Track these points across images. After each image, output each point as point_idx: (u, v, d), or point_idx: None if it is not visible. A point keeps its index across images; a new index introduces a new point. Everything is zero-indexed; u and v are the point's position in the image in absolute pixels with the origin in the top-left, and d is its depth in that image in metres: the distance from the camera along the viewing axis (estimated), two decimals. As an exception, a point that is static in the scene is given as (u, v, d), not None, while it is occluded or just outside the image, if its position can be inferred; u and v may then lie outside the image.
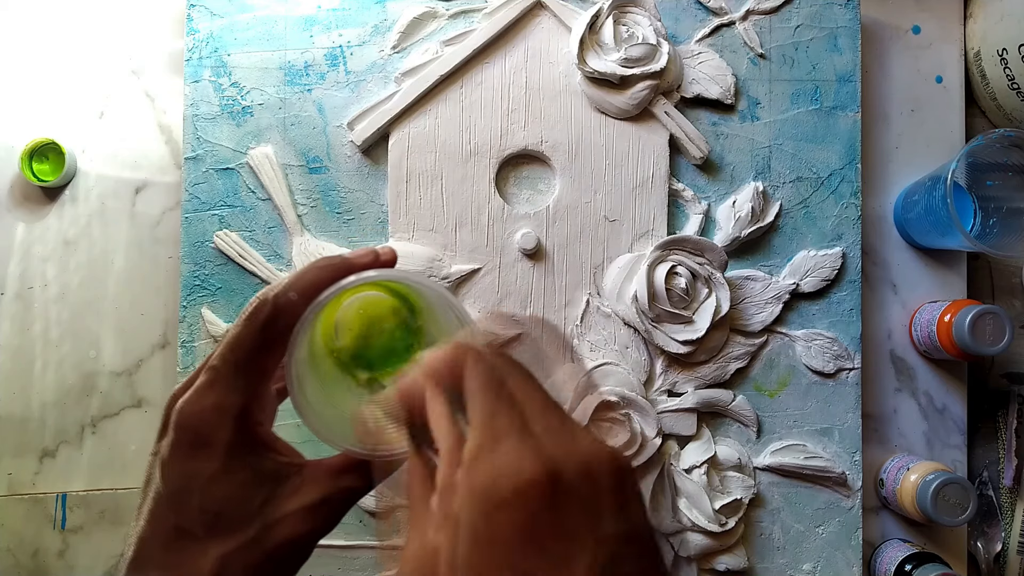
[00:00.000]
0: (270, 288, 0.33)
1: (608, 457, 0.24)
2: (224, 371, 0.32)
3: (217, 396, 0.31)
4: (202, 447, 0.31)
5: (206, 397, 0.31)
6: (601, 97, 0.62)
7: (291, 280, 0.33)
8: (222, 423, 0.31)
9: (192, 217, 0.63)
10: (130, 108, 0.67)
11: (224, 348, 0.32)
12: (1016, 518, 0.64)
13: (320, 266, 0.33)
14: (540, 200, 0.63)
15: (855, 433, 0.62)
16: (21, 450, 0.64)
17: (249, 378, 0.32)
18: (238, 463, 0.32)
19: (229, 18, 0.64)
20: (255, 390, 0.33)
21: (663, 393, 0.62)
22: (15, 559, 0.63)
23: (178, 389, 0.33)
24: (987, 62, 0.65)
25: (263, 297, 0.32)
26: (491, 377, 0.26)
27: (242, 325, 0.32)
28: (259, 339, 0.32)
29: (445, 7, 0.63)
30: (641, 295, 0.59)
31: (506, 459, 0.23)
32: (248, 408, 0.32)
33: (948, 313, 0.61)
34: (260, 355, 0.32)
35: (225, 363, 0.32)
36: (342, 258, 0.34)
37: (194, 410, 0.31)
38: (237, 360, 0.32)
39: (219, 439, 0.31)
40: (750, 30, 0.64)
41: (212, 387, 0.32)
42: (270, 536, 0.31)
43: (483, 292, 0.62)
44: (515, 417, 0.24)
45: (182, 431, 0.31)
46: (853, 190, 0.64)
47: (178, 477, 0.31)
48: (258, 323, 0.32)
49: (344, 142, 0.63)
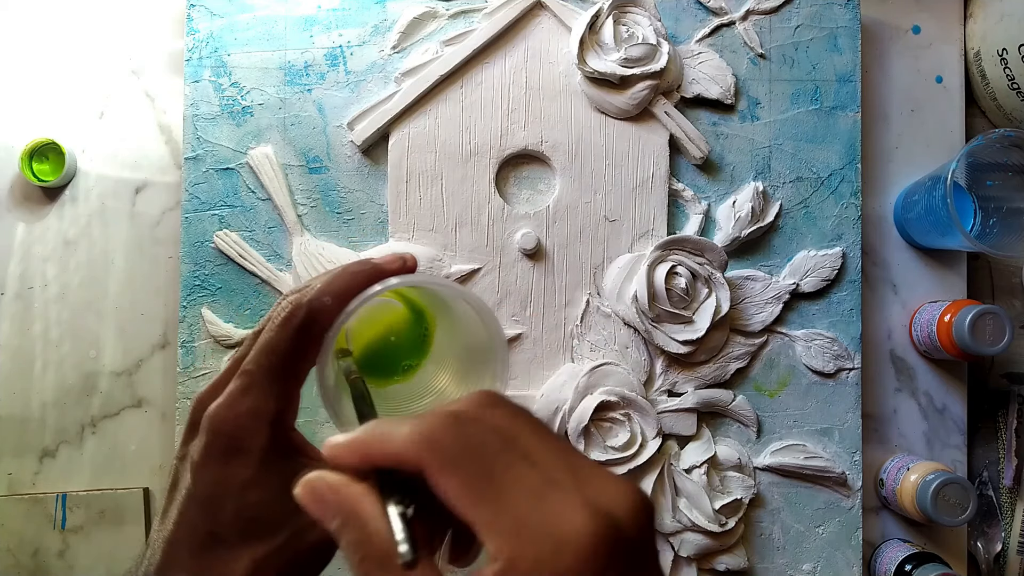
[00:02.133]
0: (303, 292, 0.32)
1: (645, 498, 0.24)
2: (259, 376, 0.31)
3: (253, 401, 0.31)
4: (237, 453, 0.31)
5: (241, 402, 0.31)
6: (601, 97, 0.62)
7: (324, 285, 0.32)
8: (258, 429, 0.31)
9: (192, 217, 0.63)
10: (130, 108, 0.67)
11: (259, 352, 0.32)
12: (1016, 518, 0.64)
13: (352, 271, 0.33)
14: (540, 200, 0.63)
15: (855, 433, 0.62)
16: (21, 450, 0.64)
17: (284, 383, 0.32)
18: (272, 469, 0.31)
19: (229, 18, 0.64)
20: (289, 395, 0.32)
21: (663, 393, 0.62)
22: (15, 559, 0.63)
23: (204, 392, 0.33)
24: (987, 62, 0.65)
25: (297, 301, 0.32)
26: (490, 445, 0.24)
27: (276, 329, 0.32)
28: (294, 344, 0.32)
29: (445, 7, 0.63)
30: (641, 295, 0.59)
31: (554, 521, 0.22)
32: (282, 413, 0.32)
33: (948, 313, 0.61)
34: (294, 360, 0.32)
35: (260, 368, 0.31)
36: (372, 264, 0.34)
37: (229, 415, 0.31)
38: (272, 365, 0.32)
39: (254, 445, 0.31)
40: (750, 30, 0.64)
41: (247, 392, 0.31)
42: (300, 540, 0.31)
43: (483, 292, 0.62)
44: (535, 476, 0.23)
45: (216, 436, 0.31)
46: (853, 190, 0.64)
47: (212, 483, 0.31)
48: (293, 327, 0.32)
49: (344, 142, 0.63)
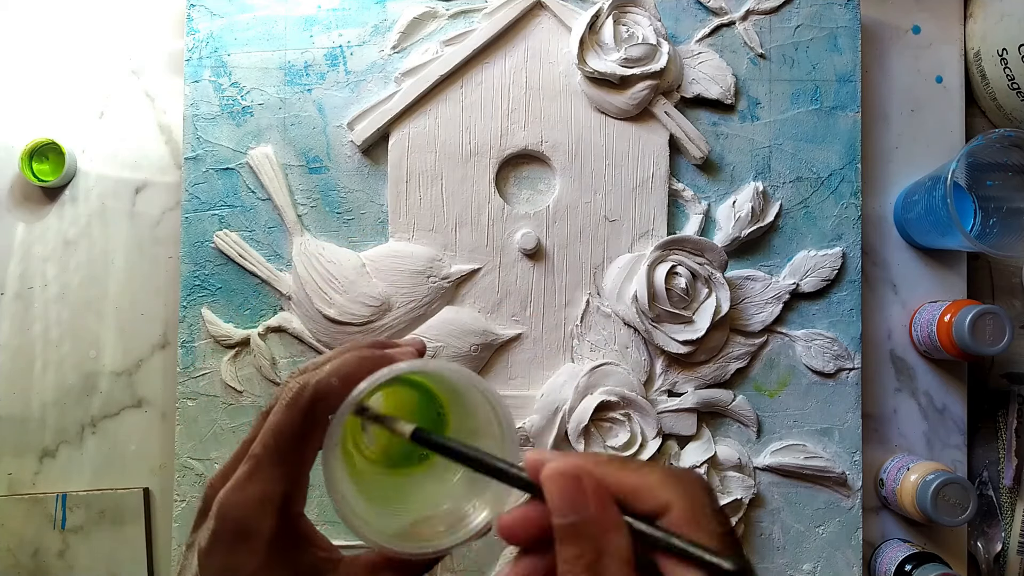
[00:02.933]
0: (309, 374, 0.32)
1: None
2: (266, 460, 0.31)
3: (260, 486, 0.30)
4: (244, 540, 0.30)
5: (248, 487, 0.30)
6: (601, 97, 0.62)
7: (332, 367, 0.32)
8: (265, 514, 0.30)
9: (192, 217, 0.63)
10: (130, 108, 0.67)
11: (265, 435, 0.31)
12: (1016, 518, 0.64)
13: (361, 355, 0.33)
14: (540, 200, 0.63)
15: (855, 433, 0.62)
16: (21, 450, 0.64)
17: (291, 466, 0.31)
18: (279, 558, 0.31)
19: (229, 18, 0.64)
20: (296, 479, 0.32)
21: (663, 393, 0.62)
22: (15, 559, 0.63)
23: (215, 477, 0.32)
24: (987, 62, 0.65)
25: (303, 382, 0.31)
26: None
27: (282, 411, 0.31)
28: (300, 426, 0.31)
29: (445, 7, 0.63)
30: (641, 295, 0.59)
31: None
32: (290, 498, 0.31)
33: (948, 313, 0.61)
34: (301, 442, 0.31)
35: (267, 451, 0.31)
36: (383, 350, 0.34)
37: (237, 501, 0.30)
38: (279, 447, 0.31)
39: (262, 531, 0.30)
40: (750, 30, 0.64)
41: (254, 476, 0.30)
42: None
43: (483, 292, 0.62)
44: None
45: (224, 522, 0.30)
46: (853, 190, 0.64)
47: (219, 572, 0.30)
48: (299, 409, 0.31)
49: (344, 142, 0.63)
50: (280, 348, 0.62)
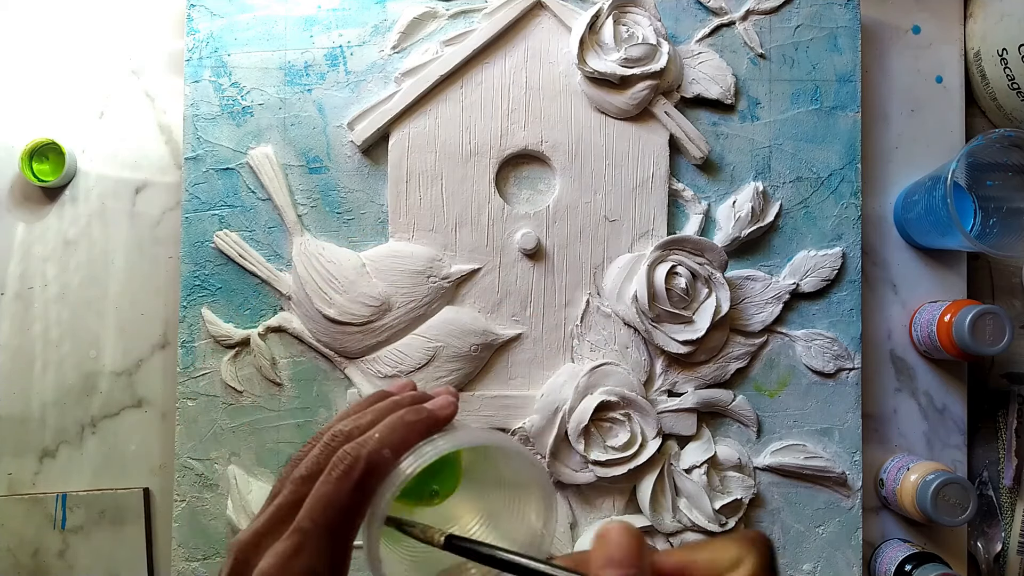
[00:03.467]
0: (358, 444, 0.31)
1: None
2: (315, 534, 0.29)
3: (307, 563, 0.29)
4: None
5: (295, 564, 0.29)
6: (601, 97, 0.62)
7: (382, 436, 0.31)
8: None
9: (192, 217, 0.63)
10: (130, 108, 0.67)
11: (314, 509, 0.30)
12: (1016, 518, 0.64)
13: (408, 421, 0.32)
14: (540, 200, 0.63)
15: (855, 433, 0.62)
16: (21, 450, 0.64)
17: (340, 542, 0.30)
18: None
19: (229, 18, 0.64)
20: (343, 555, 0.31)
21: (663, 393, 0.62)
22: (15, 559, 0.63)
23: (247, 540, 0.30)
24: (987, 62, 0.65)
25: (355, 454, 0.30)
26: None
27: (335, 483, 0.30)
28: (352, 501, 0.30)
29: (445, 7, 0.63)
30: (641, 295, 0.59)
31: None
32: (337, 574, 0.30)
33: (948, 313, 0.61)
34: (354, 517, 0.30)
35: (316, 526, 0.29)
36: (428, 412, 0.33)
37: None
38: (329, 523, 0.30)
39: None
40: (750, 30, 0.64)
41: (301, 553, 0.29)
42: None
43: (483, 292, 0.62)
44: None
45: None
46: (853, 190, 0.64)
47: None
48: (353, 484, 0.30)
49: (344, 142, 0.63)
50: (280, 348, 0.62)
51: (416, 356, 0.61)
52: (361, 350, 0.61)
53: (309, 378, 0.62)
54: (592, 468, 0.59)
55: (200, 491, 0.61)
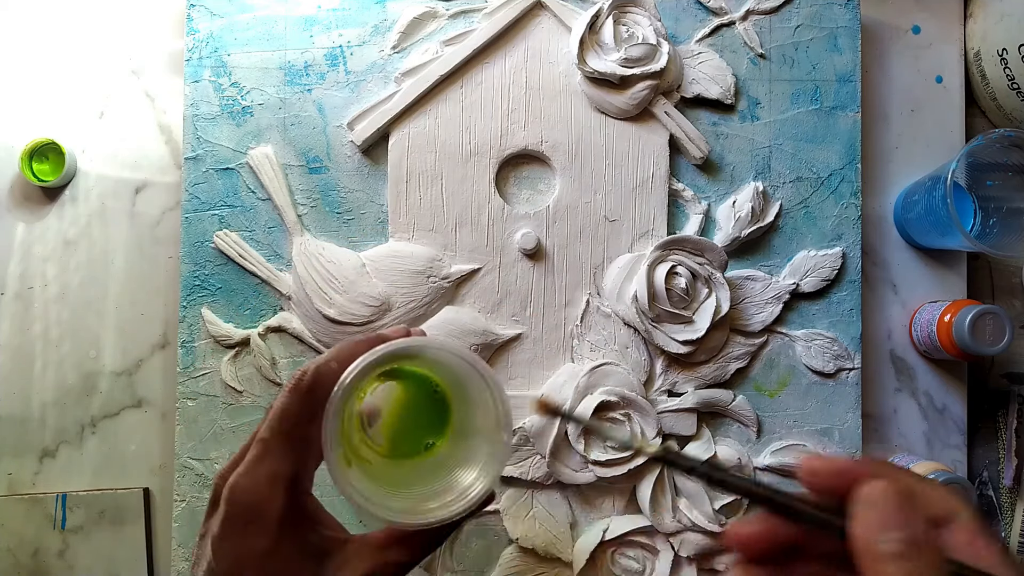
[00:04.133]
0: (312, 361, 0.34)
1: None
2: (273, 442, 0.32)
3: (268, 467, 0.32)
4: (254, 521, 0.31)
5: (258, 469, 0.32)
6: (601, 97, 0.62)
7: (330, 352, 0.34)
8: (274, 495, 0.31)
9: (192, 217, 0.63)
10: (130, 108, 0.67)
11: (271, 419, 0.33)
12: (1016, 518, 0.64)
13: (356, 340, 0.35)
14: (540, 200, 0.63)
15: (855, 433, 0.62)
16: (21, 450, 0.64)
17: (297, 447, 0.32)
18: (288, 538, 0.32)
19: (229, 18, 0.64)
20: (303, 459, 0.33)
21: (663, 393, 0.62)
22: (15, 559, 0.63)
23: (225, 467, 0.33)
24: (987, 62, 0.65)
25: (304, 368, 0.33)
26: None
27: (286, 395, 0.33)
28: (304, 407, 0.32)
29: (445, 7, 0.63)
30: (641, 295, 0.59)
31: None
32: (298, 478, 0.32)
33: (948, 313, 0.61)
34: (306, 424, 0.33)
35: (273, 434, 0.32)
36: (377, 333, 0.36)
37: (247, 484, 0.31)
38: (284, 430, 0.32)
39: (271, 512, 0.31)
40: (750, 30, 0.64)
41: (263, 459, 0.32)
42: None
43: (483, 292, 0.62)
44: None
45: (234, 507, 0.31)
46: (853, 190, 0.64)
47: (232, 556, 0.31)
48: (301, 391, 0.32)
49: (344, 142, 0.63)
50: (280, 348, 0.62)
51: (416, 356, 0.61)
52: (361, 350, 0.61)
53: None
54: (592, 468, 0.59)
55: (200, 491, 0.61)
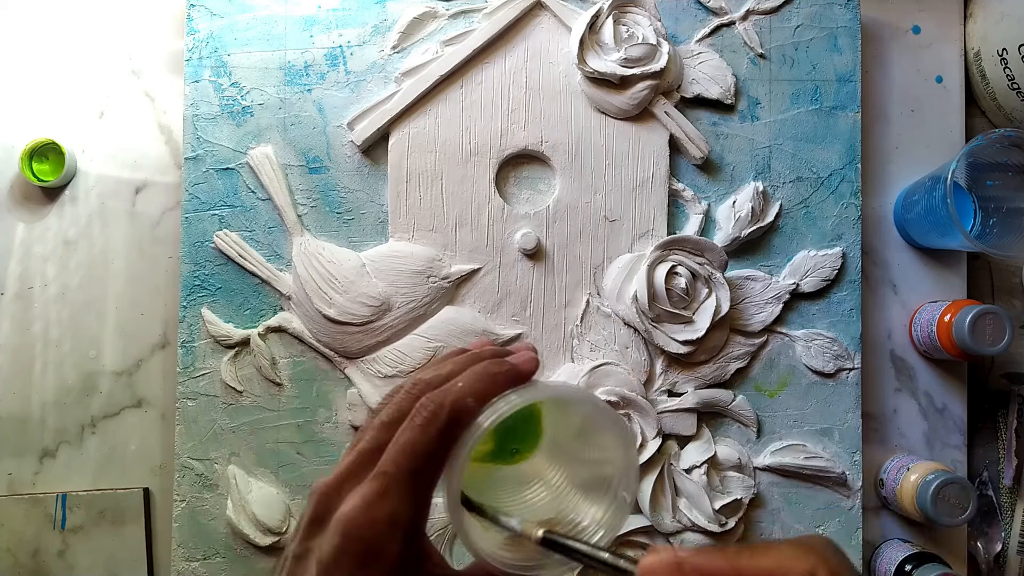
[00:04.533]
0: (442, 392, 0.31)
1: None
2: (399, 479, 0.30)
3: (389, 507, 0.29)
4: (372, 560, 0.29)
5: (379, 507, 0.29)
6: (601, 97, 0.62)
7: (467, 385, 0.31)
8: (394, 536, 0.29)
9: (192, 217, 0.63)
10: (130, 108, 0.67)
11: (398, 453, 0.30)
12: (1016, 518, 0.64)
13: (491, 372, 0.32)
14: (540, 200, 0.63)
15: (855, 433, 0.62)
16: (21, 450, 0.64)
17: (423, 488, 0.30)
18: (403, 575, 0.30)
19: (229, 18, 0.64)
20: (425, 500, 0.31)
21: (663, 393, 0.62)
22: (15, 559, 0.63)
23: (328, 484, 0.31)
24: (987, 62, 0.65)
25: (438, 401, 0.31)
26: None
27: (418, 430, 0.30)
28: (436, 447, 0.30)
29: (445, 7, 0.63)
30: (641, 295, 0.59)
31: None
32: (419, 519, 0.31)
33: (948, 313, 0.61)
34: (436, 463, 0.31)
35: (400, 470, 0.30)
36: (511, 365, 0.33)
37: (365, 521, 0.29)
38: (413, 468, 0.30)
39: (390, 552, 0.29)
40: (750, 30, 0.64)
41: (384, 497, 0.29)
42: None
43: (483, 292, 0.62)
44: None
45: (350, 542, 0.29)
46: (853, 190, 0.64)
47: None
48: (437, 430, 0.30)
49: (344, 142, 0.63)
50: (280, 348, 0.62)
51: (416, 356, 0.61)
52: (361, 350, 0.61)
53: (309, 378, 0.62)
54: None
55: (200, 491, 0.61)
